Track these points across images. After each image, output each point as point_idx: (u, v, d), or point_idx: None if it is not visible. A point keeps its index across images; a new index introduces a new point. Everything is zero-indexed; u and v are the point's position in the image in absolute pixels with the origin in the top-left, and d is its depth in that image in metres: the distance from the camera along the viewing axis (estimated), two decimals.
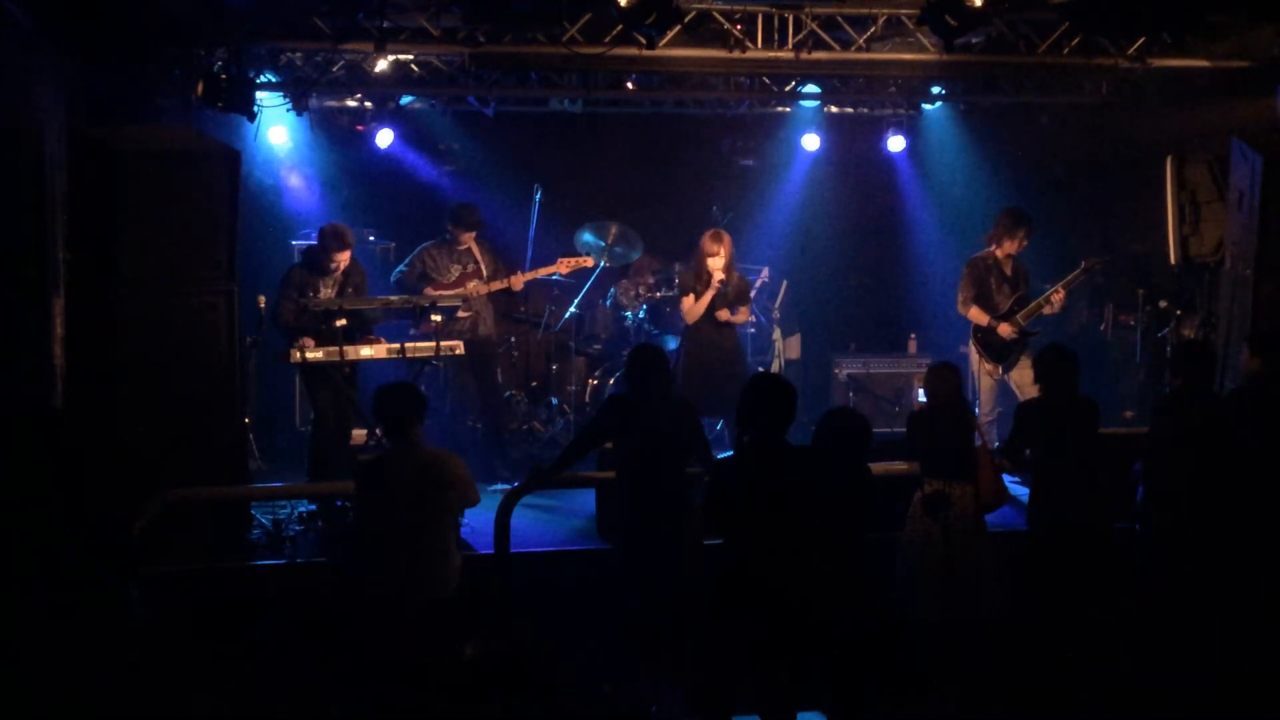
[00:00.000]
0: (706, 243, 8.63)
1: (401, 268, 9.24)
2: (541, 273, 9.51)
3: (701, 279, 8.62)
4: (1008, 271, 9.07)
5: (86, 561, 5.85)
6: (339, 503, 7.57)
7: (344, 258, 8.26)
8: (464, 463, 5.96)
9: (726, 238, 8.69)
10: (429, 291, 8.93)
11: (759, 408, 5.46)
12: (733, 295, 8.69)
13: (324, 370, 8.10)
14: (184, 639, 6.35)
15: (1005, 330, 8.91)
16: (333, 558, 7.15)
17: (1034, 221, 9.11)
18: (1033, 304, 8.97)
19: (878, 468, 6.15)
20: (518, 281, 9.25)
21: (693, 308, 8.61)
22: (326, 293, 8.25)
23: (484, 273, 9.21)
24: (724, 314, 8.68)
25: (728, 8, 8.33)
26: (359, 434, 8.17)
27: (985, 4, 7.45)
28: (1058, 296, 8.92)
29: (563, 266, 9.51)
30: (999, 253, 9.07)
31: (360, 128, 10.73)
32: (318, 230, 8.45)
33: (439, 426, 8.92)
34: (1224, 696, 6.08)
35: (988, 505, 6.44)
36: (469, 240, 9.20)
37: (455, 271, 9.18)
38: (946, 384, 6.45)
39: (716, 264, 8.54)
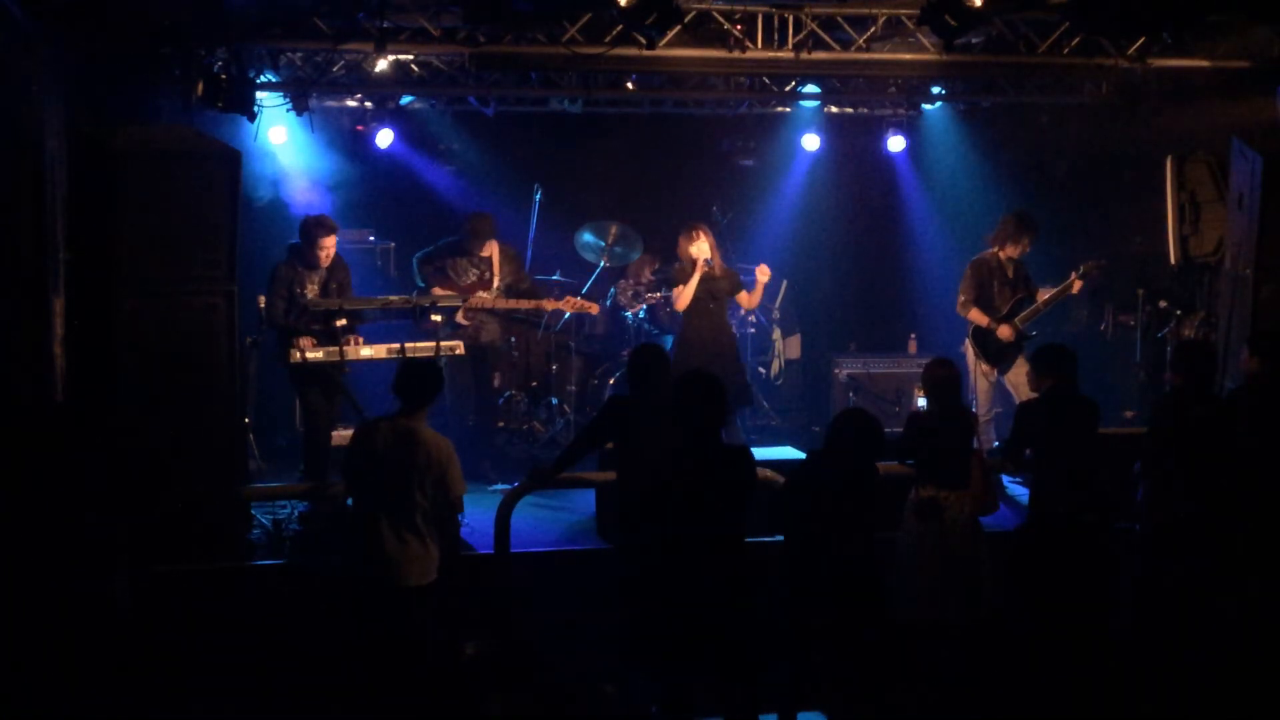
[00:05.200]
0: (682, 241, 8.67)
1: (426, 250, 9.42)
2: (550, 305, 9.55)
3: (687, 267, 8.63)
4: (1010, 274, 9.07)
5: (78, 557, 5.87)
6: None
7: (330, 243, 8.25)
8: (449, 446, 5.93)
9: (707, 229, 8.70)
10: (436, 290, 9.08)
11: (693, 407, 5.54)
12: (727, 287, 8.67)
13: (316, 369, 8.10)
14: (184, 639, 6.36)
15: (1004, 332, 8.91)
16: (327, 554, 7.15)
17: (1040, 227, 9.11)
18: (1032, 306, 8.97)
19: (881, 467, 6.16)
20: (549, 305, 9.48)
21: (682, 293, 8.60)
22: (312, 289, 8.24)
23: (496, 283, 9.32)
24: (743, 298, 8.74)
25: (728, 8, 8.33)
26: (342, 435, 8.19)
27: (985, 4, 7.44)
28: (1077, 285, 8.95)
29: (568, 305, 9.58)
30: (1001, 255, 9.07)
31: (360, 128, 10.72)
32: (300, 224, 8.45)
33: (436, 421, 8.91)
34: (1223, 696, 6.09)
35: (976, 515, 6.41)
36: (490, 249, 9.36)
37: (472, 276, 9.32)
38: (946, 379, 6.44)
39: (702, 249, 8.55)
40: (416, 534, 5.81)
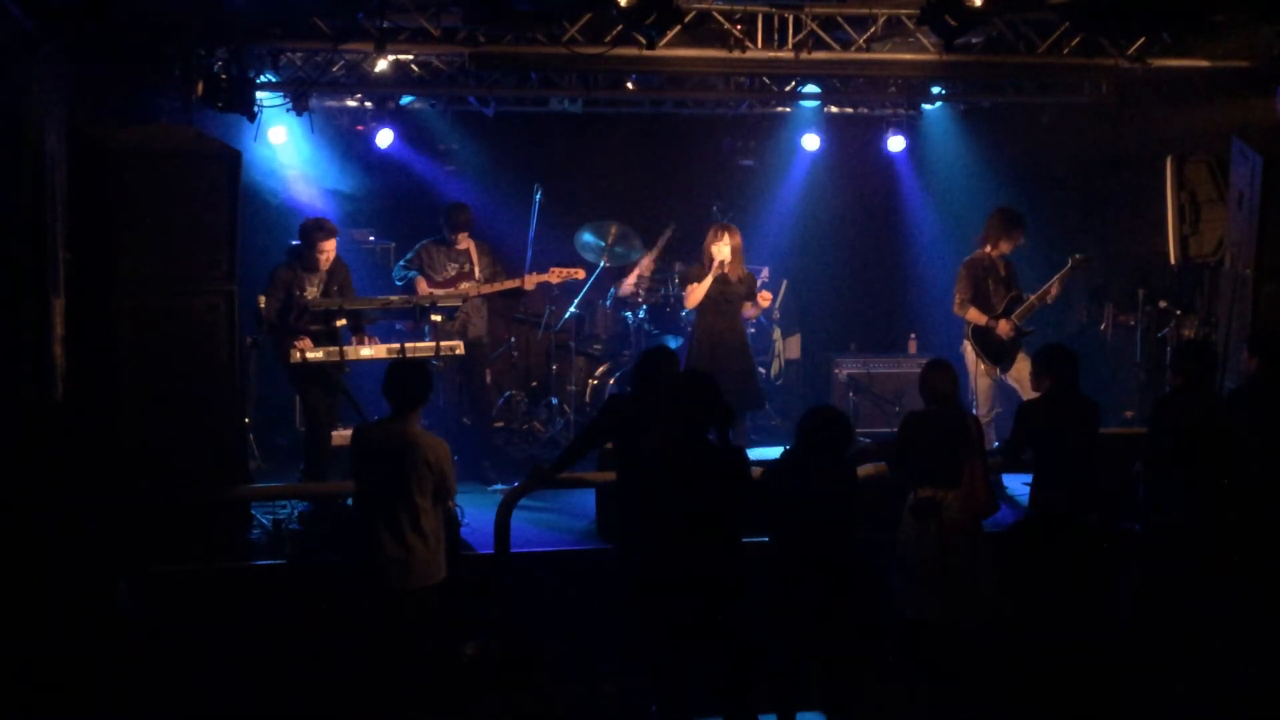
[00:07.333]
0: (708, 238, 8.59)
1: (402, 263, 9.37)
2: (533, 280, 9.47)
3: (705, 267, 8.60)
4: (1002, 271, 9.07)
5: (78, 557, 5.88)
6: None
7: (330, 246, 8.27)
8: (444, 448, 5.93)
9: (734, 231, 8.66)
10: (422, 288, 9.04)
11: (682, 407, 5.57)
12: (743, 292, 8.65)
13: (316, 369, 8.10)
14: (184, 639, 6.37)
15: (1004, 329, 8.91)
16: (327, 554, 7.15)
17: (1026, 221, 9.11)
18: (1027, 303, 8.97)
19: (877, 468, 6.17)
20: (530, 282, 9.32)
21: (694, 291, 8.56)
22: (312, 291, 8.25)
23: (477, 274, 9.26)
24: (748, 308, 8.66)
25: (728, 8, 8.33)
26: (342, 435, 8.19)
27: (985, 4, 7.44)
28: (1054, 290, 8.94)
29: (553, 276, 9.51)
30: (993, 253, 9.07)
31: (360, 128, 10.73)
32: (299, 227, 8.45)
33: (431, 421, 8.95)
34: (1224, 696, 6.09)
35: (977, 516, 6.41)
36: (465, 240, 9.28)
37: (451, 270, 9.26)
38: (946, 383, 6.43)
39: (721, 251, 8.51)
40: (420, 536, 5.81)
